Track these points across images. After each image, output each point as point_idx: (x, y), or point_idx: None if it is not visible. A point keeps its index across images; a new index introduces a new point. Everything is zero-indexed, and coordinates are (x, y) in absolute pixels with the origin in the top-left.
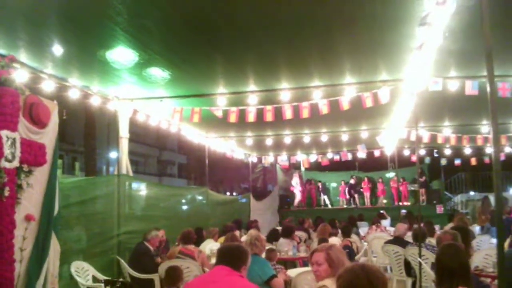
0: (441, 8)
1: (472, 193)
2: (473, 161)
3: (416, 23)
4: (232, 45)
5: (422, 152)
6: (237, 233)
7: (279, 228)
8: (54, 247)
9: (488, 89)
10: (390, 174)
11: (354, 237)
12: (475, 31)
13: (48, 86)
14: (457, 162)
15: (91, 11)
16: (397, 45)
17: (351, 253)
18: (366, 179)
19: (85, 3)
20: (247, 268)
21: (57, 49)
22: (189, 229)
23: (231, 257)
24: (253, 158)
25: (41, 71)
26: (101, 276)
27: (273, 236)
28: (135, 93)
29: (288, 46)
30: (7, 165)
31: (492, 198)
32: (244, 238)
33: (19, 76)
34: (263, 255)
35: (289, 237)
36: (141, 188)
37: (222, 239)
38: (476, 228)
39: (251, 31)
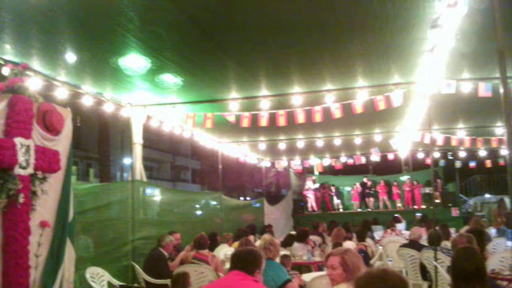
0: (453, 10)
1: (487, 195)
2: (488, 163)
3: (427, 25)
4: (244, 50)
5: (437, 154)
6: (251, 237)
7: (294, 232)
8: (69, 253)
9: (501, 90)
10: (405, 177)
11: (369, 241)
12: (487, 32)
13: (61, 93)
14: (472, 164)
15: (103, 19)
16: (409, 47)
17: (366, 257)
18: (382, 182)
19: (97, 11)
20: (262, 272)
21: (70, 57)
22: (202, 234)
23: (245, 261)
24: (266, 163)
25: (54, 78)
26: (116, 282)
27: (288, 242)
28: (148, 99)
29: (299, 50)
30: (22, 172)
31: (507, 200)
32: (258, 243)
33: (33, 84)
34: (277, 260)
35: (304, 241)
36: (155, 194)
37: (236, 243)
38: (492, 231)
39: (262, 36)
